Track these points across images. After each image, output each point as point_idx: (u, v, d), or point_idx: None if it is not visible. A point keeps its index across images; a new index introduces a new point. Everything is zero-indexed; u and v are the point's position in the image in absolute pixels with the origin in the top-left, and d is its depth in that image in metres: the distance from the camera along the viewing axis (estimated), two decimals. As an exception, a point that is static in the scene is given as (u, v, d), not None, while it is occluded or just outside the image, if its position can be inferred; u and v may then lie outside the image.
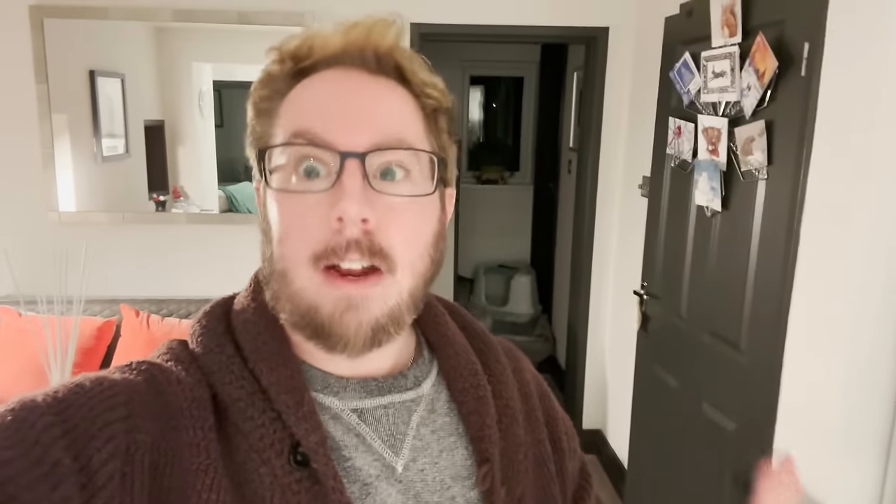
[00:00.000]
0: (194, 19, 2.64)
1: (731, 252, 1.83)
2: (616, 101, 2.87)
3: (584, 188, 3.02)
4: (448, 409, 0.57)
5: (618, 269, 2.96)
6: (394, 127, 0.50)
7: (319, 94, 0.50)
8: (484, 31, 2.78)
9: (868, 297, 1.35)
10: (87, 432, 0.42)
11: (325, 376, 0.53)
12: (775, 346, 1.61)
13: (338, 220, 0.47)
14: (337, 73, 0.51)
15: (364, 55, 0.51)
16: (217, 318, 0.54)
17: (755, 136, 1.67)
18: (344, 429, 0.51)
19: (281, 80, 0.52)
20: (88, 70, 2.65)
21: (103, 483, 0.41)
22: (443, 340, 0.60)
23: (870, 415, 1.38)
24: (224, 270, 2.78)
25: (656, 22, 2.36)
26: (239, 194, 2.97)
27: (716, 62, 1.83)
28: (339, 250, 0.47)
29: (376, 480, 0.50)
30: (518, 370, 0.64)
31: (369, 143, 0.48)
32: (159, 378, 0.48)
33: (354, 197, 0.47)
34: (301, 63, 0.52)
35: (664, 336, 2.27)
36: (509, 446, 0.56)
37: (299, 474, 0.47)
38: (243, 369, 0.50)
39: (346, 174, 0.47)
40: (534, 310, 4.53)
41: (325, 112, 0.49)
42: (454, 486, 0.53)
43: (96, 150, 2.72)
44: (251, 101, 0.54)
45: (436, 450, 0.54)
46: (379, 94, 0.51)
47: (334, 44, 0.51)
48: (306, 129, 0.49)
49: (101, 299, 2.66)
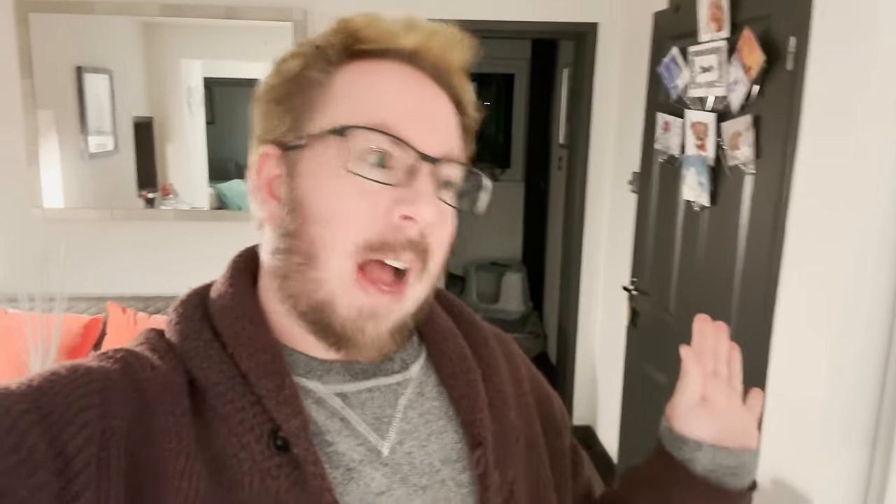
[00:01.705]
0: (181, 14, 2.62)
1: (719, 247, 1.84)
2: (605, 96, 2.88)
3: (575, 184, 3.02)
4: (437, 394, 0.57)
5: (608, 265, 2.96)
6: (455, 142, 0.52)
7: (398, 88, 0.51)
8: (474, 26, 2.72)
9: (854, 290, 1.36)
10: (63, 418, 0.42)
11: (308, 360, 0.53)
12: (762, 341, 1.62)
13: (402, 218, 0.48)
14: (407, 71, 0.52)
15: (436, 64, 0.52)
16: (193, 306, 0.54)
17: (742, 131, 1.67)
18: (328, 413, 0.51)
19: (334, 51, 0.51)
20: (75, 66, 2.63)
21: (80, 468, 0.41)
22: (431, 325, 0.59)
23: (855, 407, 1.39)
24: (213, 268, 2.67)
25: (644, 17, 2.36)
26: (229, 191, 2.96)
27: (703, 57, 1.83)
28: (396, 247, 0.48)
29: (360, 465, 0.50)
30: (507, 353, 0.64)
31: (442, 150, 0.50)
32: (134, 365, 0.48)
33: (433, 202, 0.48)
34: (363, 45, 0.51)
35: (653, 331, 2.27)
36: (501, 429, 0.56)
37: (279, 459, 0.46)
38: (222, 354, 0.50)
39: (423, 177, 0.49)
40: (525, 307, 4.54)
41: (405, 108, 0.50)
42: (444, 469, 0.53)
43: (83, 146, 2.70)
44: (299, 64, 0.51)
45: (424, 433, 0.54)
46: (446, 104, 0.53)
47: (409, 41, 0.51)
48: (387, 121, 0.48)
49: (88, 296, 2.64)
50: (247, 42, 2.67)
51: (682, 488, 0.58)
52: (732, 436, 0.58)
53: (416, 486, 0.51)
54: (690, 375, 0.59)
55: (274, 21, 2.60)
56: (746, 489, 0.59)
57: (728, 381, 0.60)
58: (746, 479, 0.59)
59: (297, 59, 0.51)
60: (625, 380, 2.50)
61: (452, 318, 0.62)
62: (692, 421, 0.59)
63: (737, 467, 0.58)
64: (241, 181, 2.90)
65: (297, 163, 0.50)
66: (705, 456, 0.58)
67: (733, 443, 0.58)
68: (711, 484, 0.57)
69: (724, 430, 0.58)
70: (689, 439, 0.58)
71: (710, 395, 0.59)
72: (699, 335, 0.60)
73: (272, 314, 0.53)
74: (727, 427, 0.58)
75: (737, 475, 0.58)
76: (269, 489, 0.45)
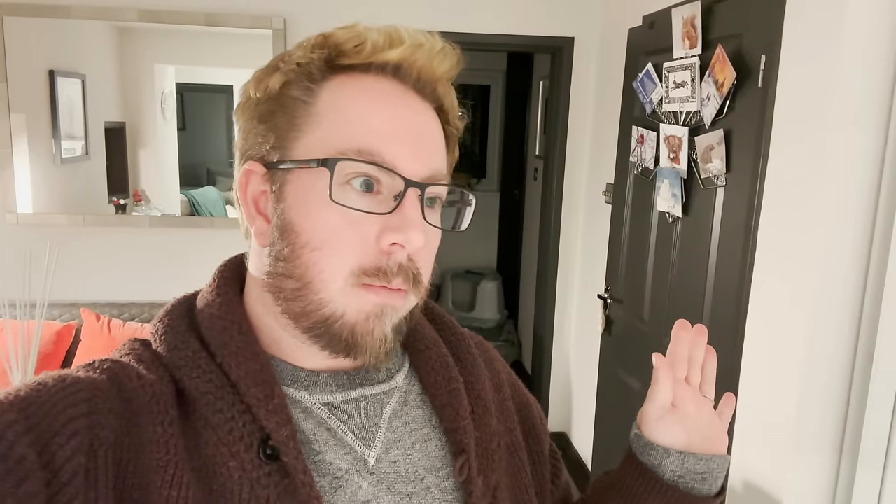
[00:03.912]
0: (160, 20, 2.60)
1: (692, 256, 1.89)
2: (581, 109, 2.93)
3: (550, 195, 3.07)
4: (421, 402, 0.58)
5: (582, 273, 3.01)
6: (440, 159, 0.52)
7: (382, 110, 0.50)
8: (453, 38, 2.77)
9: (822, 300, 1.41)
10: (51, 428, 0.42)
11: (295, 370, 0.53)
12: (733, 348, 1.66)
13: (391, 245, 0.48)
14: (391, 87, 0.51)
15: (421, 77, 0.52)
16: (180, 316, 0.53)
17: (714, 145, 1.73)
18: (315, 423, 0.51)
19: (316, 67, 0.50)
20: (48, 70, 2.59)
21: (68, 479, 0.41)
22: (414, 334, 0.60)
23: (823, 414, 1.44)
24: (187, 274, 2.73)
25: (620, 33, 2.42)
26: (201, 198, 2.93)
27: (677, 73, 1.89)
28: (389, 273, 0.48)
29: (347, 474, 0.50)
30: (488, 360, 0.65)
31: (427, 173, 0.50)
32: (121, 375, 0.48)
33: (420, 229, 0.48)
34: (346, 59, 0.50)
35: (627, 339, 2.32)
36: (483, 437, 0.57)
37: (269, 468, 0.47)
38: (210, 363, 0.50)
39: (410, 203, 0.49)
40: (500, 315, 4.57)
41: (391, 132, 0.49)
42: (428, 477, 0.54)
43: (55, 151, 2.65)
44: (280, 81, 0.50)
45: (408, 441, 0.54)
46: (431, 120, 0.53)
47: (393, 54, 0.50)
48: (371, 148, 0.48)
49: (61, 303, 2.59)
50: (222, 48, 2.67)
51: (651, 494, 0.59)
52: (702, 442, 0.59)
53: (402, 494, 0.52)
54: (660, 383, 0.59)
55: (254, 29, 2.60)
56: (715, 494, 0.60)
57: (698, 389, 0.60)
58: (715, 485, 0.60)
59: (279, 77, 0.50)
60: (599, 387, 2.54)
61: (434, 327, 0.63)
62: (661, 428, 0.60)
63: (706, 473, 0.59)
64: (212, 188, 2.88)
65: (283, 184, 0.50)
66: (674, 462, 0.59)
67: (703, 449, 0.59)
68: (680, 489, 0.58)
69: (693, 436, 0.59)
70: (657, 446, 0.59)
71: (680, 402, 0.59)
72: (676, 342, 0.60)
73: (259, 324, 0.54)
74: (697, 433, 0.59)
75: (706, 480, 0.59)
76: (259, 498, 0.46)
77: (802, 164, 1.45)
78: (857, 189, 1.36)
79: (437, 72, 0.53)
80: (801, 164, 1.46)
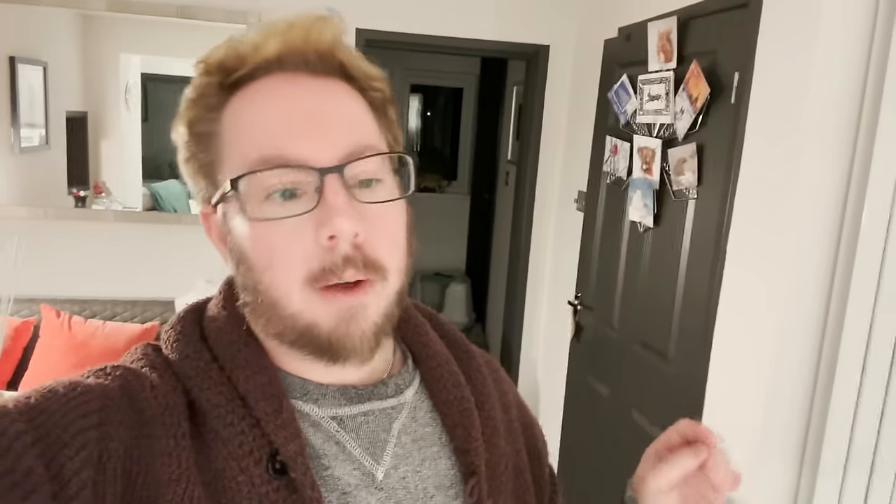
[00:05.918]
0: (130, 10, 2.53)
1: (662, 266, 1.92)
2: (555, 116, 2.96)
3: (522, 200, 3.09)
4: (430, 419, 0.57)
5: (553, 280, 3.03)
6: (357, 132, 0.50)
7: (272, 109, 0.48)
8: (429, 41, 2.80)
9: (789, 311, 1.45)
10: (60, 440, 0.41)
11: (303, 383, 0.53)
12: (701, 357, 1.70)
13: (329, 239, 0.46)
14: (279, 80, 0.49)
15: (307, 57, 0.50)
16: (191, 324, 0.53)
17: (687, 158, 1.76)
18: (324, 437, 0.51)
19: (212, 94, 0.50)
20: (8, 56, 2.50)
21: (75, 492, 0.40)
22: (425, 351, 0.60)
23: (786, 424, 1.48)
24: (151, 271, 2.66)
25: (596, 43, 2.45)
26: (164, 191, 2.86)
27: (652, 86, 1.92)
28: (336, 269, 0.47)
29: (355, 489, 0.50)
30: (497, 380, 0.65)
31: (342, 153, 0.48)
32: (133, 384, 0.47)
33: (345, 213, 0.46)
34: (233, 74, 0.49)
35: (596, 346, 2.35)
36: (493, 458, 0.56)
37: (277, 483, 0.46)
38: (221, 375, 0.50)
39: (330, 191, 0.46)
40: (468, 318, 4.59)
41: (286, 128, 0.47)
42: (437, 496, 0.53)
43: (14, 140, 2.56)
44: (185, 123, 0.51)
45: (417, 458, 0.54)
46: (332, 98, 0.50)
47: (270, 48, 0.49)
48: (273, 152, 0.47)
49: (20, 298, 2.49)
50: (190, 40, 2.61)
51: None
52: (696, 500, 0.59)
53: None
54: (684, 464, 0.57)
55: (228, 23, 2.55)
56: None
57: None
58: None
59: (183, 118, 0.51)
60: (567, 392, 2.57)
61: (445, 343, 0.62)
62: (662, 502, 0.59)
63: None
64: (175, 181, 2.80)
65: (227, 217, 0.50)
66: None
67: None
68: None
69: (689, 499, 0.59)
70: None
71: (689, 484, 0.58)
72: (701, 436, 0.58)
73: (264, 339, 0.53)
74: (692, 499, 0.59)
75: None
76: None
77: (773, 179, 1.49)
78: (825, 204, 1.40)
79: (321, 44, 0.50)
80: (772, 178, 1.50)
